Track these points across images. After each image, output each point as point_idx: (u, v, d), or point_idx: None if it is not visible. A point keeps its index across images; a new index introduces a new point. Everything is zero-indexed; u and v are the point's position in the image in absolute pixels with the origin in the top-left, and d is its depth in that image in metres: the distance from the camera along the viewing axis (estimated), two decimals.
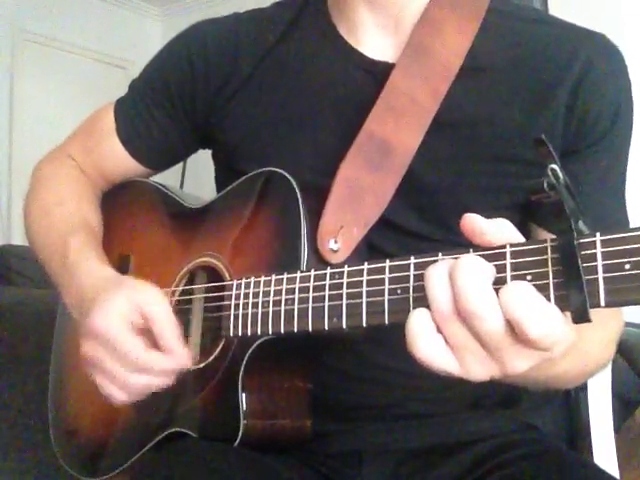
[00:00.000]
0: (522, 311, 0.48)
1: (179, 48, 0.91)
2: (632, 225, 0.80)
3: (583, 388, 1.03)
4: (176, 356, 0.72)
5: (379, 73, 0.79)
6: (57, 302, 1.03)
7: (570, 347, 0.51)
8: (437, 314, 0.51)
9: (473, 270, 0.50)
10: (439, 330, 0.52)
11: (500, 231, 0.52)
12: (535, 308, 0.48)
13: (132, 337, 0.71)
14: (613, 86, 0.77)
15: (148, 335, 0.72)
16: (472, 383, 0.54)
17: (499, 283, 0.51)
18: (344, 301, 0.61)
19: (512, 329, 0.49)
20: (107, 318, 0.71)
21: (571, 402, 1.05)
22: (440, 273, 0.52)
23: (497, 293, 0.50)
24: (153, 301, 0.73)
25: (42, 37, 4.35)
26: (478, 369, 0.52)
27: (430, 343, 0.52)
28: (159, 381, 0.72)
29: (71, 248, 0.84)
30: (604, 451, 1.00)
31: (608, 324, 0.74)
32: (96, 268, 0.81)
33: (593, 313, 0.48)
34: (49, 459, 0.98)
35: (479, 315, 0.49)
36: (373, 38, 0.82)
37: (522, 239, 0.53)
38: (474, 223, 0.52)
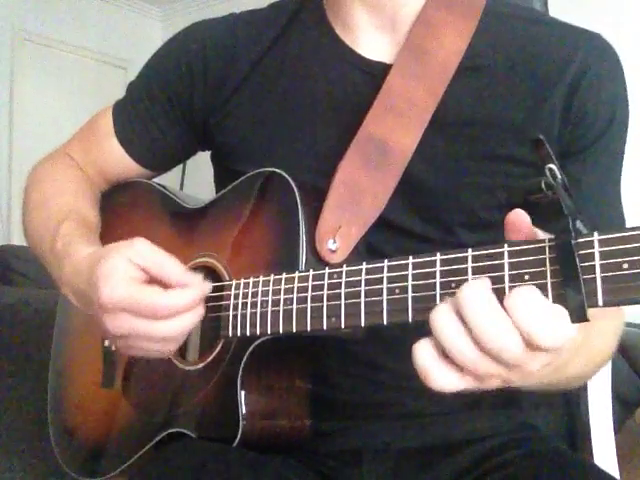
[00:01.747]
0: (533, 327, 0.48)
1: (177, 49, 0.91)
2: (628, 224, 0.80)
3: (583, 388, 1.03)
4: (193, 287, 0.70)
5: (376, 74, 0.79)
6: (57, 302, 1.03)
7: (579, 347, 0.51)
8: (458, 355, 0.51)
9: (479, 302, 0.50)
10: (455, 364, 0.51)
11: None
12: (543, 319, 0.48)
13: (144, 288, 0.69)
14: (609, 87, 0.77)
15: (157, 284, 0.71)
16: None
17: (497, 283, 0.51)
18: (342, 301, 0.61)
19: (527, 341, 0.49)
20: (113, 285, 0.69)
21: (571, 402, 1.05)
22: (446, 315, 0.51)
23: (502, 302, 0.50)
24: (142, 251, 0.71)
25: (42, 37, 4.36)
26: (495, 381, 0.53)
27: (444, 372, 0.52)
28: (191, 317, 0.70)
29: (59, 235, 0.83)
30: (604, 451, 1.00)
31: (609, 321, 0.74)
32: (81, 248, 0.79)
33: (594, 310, 0.48)
34: (49, 459, 0.98)
35: (502, 347, 0.49)
36: (370, 39, 0.82)
37: None
38: (524, 221, 0.52)
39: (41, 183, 0.96)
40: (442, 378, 0.52)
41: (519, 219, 0.52)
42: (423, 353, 0.52)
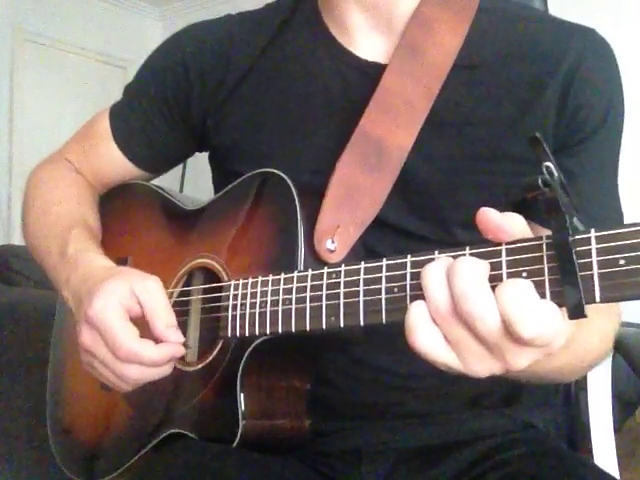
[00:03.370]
0: (514, 312, 0.48)
1: (173, 51, 0.90)
2: (626, 220, 0.80)
3: (583, 388, 1.03)
4: (167, 346, 0.72)
5: (372, 73, 0.79)
6: (57, 302, 1.03)
7: (569, 340, 0.51)
8: (435, 313, 0.51)
9: (471, 272, 0.50)
10: (437, 325, 0.52)
11: (515, 226, 0.52)
12: (527, 308, 0.48)
13: (126, 326, 0.71)
14: (604, 81, 0.77)
15: (144, 326, 0.72)
16: (472, 381, 0.54)
17: (495, 280, 0.51)
18: (341, 300, 0.61)
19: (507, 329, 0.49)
20: (105, 305, 0.71)
21: (571, 402, 1.05)
22: (437, 272, 0.52)
23: (494, 291, 0.50)
24: (149, 290, 0.73)
25: (42, 37, 4.37)
26: (478, 365, 0.52)
27: (428, 335, 0.52)
28: (152, 372, 0.72)
29: (71, 241, 0.84)
30: (604, 451, 1.00)
31: (606, 317, 0.74)
32: (97, 258, 0.81)
33: (591, 307, 0.48)
34: (50, 459, 0.98)
35: (477, 316, 0.49)
36: (365, 38, 0.81)
37: (531, 234, 0.52)
38: (489, 218, 0.52)
39: (42, 188, 0.96)
40: (425, 339, 0.51)
41: (485, 218, 0.52)
42: (416, 310, 0.52)
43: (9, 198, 4.11)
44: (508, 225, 0.52)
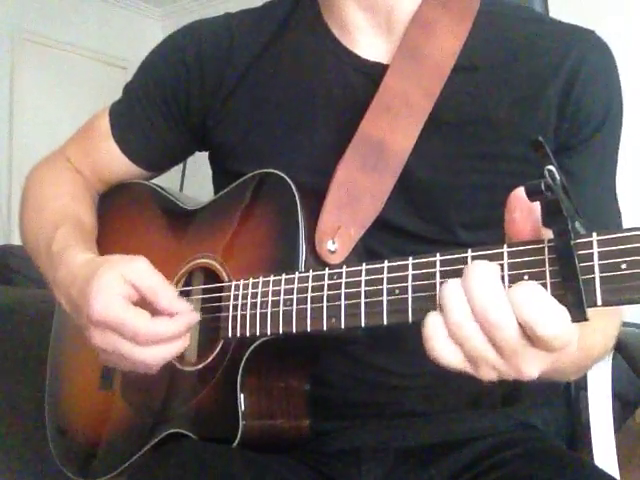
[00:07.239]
0: (533, 312, 0.48)
1: (173, 49, 0.90)
2: (624, 221, 0.81)
3: (583, 388, 1.03)
4: (181, 316, 0.71)
5: (373, 74, 0.79)
6: (56, 302, 1.03)
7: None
8: (455, 328, 0.51)
9: (485, 278, 0.50)
10: (455, 342, 0.52)
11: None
12: (546, 308, 0.48)
13: (135, 312, 0.70)
14: (604, 83, 0.78)
15: (148, 307, 0.71)
16: (472, 381, 0.54)
17: None
18: (342, 302, 0.61)
19: (525, 332, 0.49)
20: (106, 302, 0.70)
21: (571, 402, 1.05)
22: (454, 288, 0.51)
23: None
24: (139, 271, 0.72)
25: (42, 37, 4.36)
26: (491, 372, 0.53)
27: (446, 345, 0.51)
28: (174, 346, 0.72)
29: (55, 240, 0.83)
30: (604, 451, 1.00)
31: (609, 316, 0.74)
32: (77, 255, 0.79)
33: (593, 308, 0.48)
34: (49, 459, 0.97)
35: (498, 323, 0.49)
36: (366, 38, 0.82)
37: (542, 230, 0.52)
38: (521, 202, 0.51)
39: (38, 186, 0.96)
40: (444, 348, 0.51)
41: (516, 196, 0.52)
42: (434, 320, 0.52)
43: (9, 198, 4.11)
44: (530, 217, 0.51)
